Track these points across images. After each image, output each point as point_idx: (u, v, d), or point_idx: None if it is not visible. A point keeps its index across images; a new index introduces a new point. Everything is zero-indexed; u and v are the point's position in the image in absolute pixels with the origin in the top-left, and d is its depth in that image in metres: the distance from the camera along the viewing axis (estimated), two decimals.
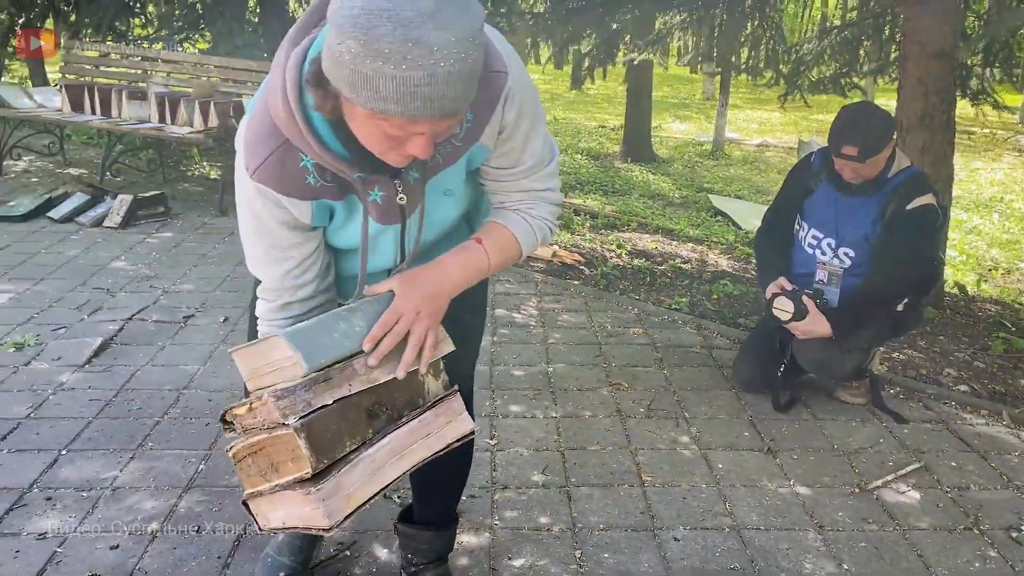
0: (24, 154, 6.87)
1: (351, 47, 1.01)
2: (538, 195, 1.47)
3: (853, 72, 5.71)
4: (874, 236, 2.85)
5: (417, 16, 0.99)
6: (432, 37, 0.99)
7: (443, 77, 1.01)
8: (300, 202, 1.29)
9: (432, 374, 1.47)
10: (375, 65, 1.00)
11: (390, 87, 1.01)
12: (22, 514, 2.32)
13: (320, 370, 1.29)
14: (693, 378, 3.31)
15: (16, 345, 3.37)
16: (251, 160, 1.26)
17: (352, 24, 1.00)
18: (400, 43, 0.98)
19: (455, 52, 1.01)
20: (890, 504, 2.48)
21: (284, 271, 1.40)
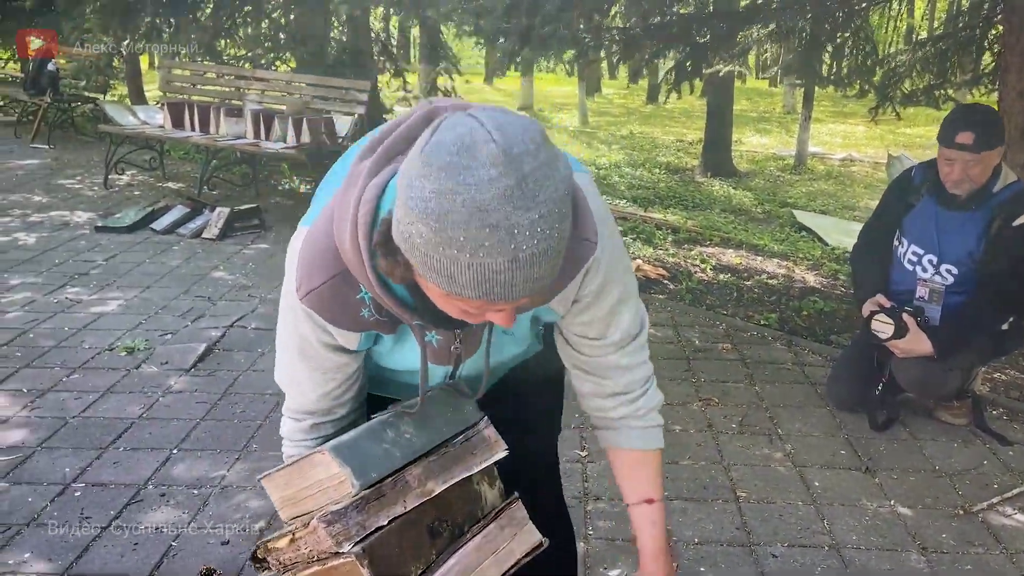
0: (127, 169, 7.22)
1: (422, 232, 0.89)
2: (631, 373, 1.33)
3: (947, 83, 5.56)
4: (979, 253, 2.78)
5: (496, 198, 0.86)
6: (513, 219, 0.86)
7: (527, 261, 0.89)
8: (349, 333, 1.18)
9: (487, 482, 1.34)
10: (450, 253, 0.89)
11: (467, 276, 0.90)
12: (139, 508, 2.44)
13: (371, 486, 1.14)
14: (786, 395, 3.27)
15: (127, 349, 3.55)
16: (304, 282, 1.13)
17: (423, 209, 0.88)
18: (476, 230, 0.86)
19: (540, 231, 0.88)
20: (996, 527, 2.41)
21: (322, 393, 1.28)
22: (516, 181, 0.86)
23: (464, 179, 0.86)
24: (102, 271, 4.65)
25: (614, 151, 12.00)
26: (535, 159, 0.88)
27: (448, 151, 0.87)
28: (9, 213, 5.88)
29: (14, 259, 4.81)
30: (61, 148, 8.53)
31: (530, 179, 0.87)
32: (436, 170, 0.87)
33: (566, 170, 0.93)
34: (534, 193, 0.87)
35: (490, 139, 0.87)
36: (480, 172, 0.86)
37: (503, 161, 0.86)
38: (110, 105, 7.34)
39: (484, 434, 1.31)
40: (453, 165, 0.86)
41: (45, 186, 6.79)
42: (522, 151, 0.88)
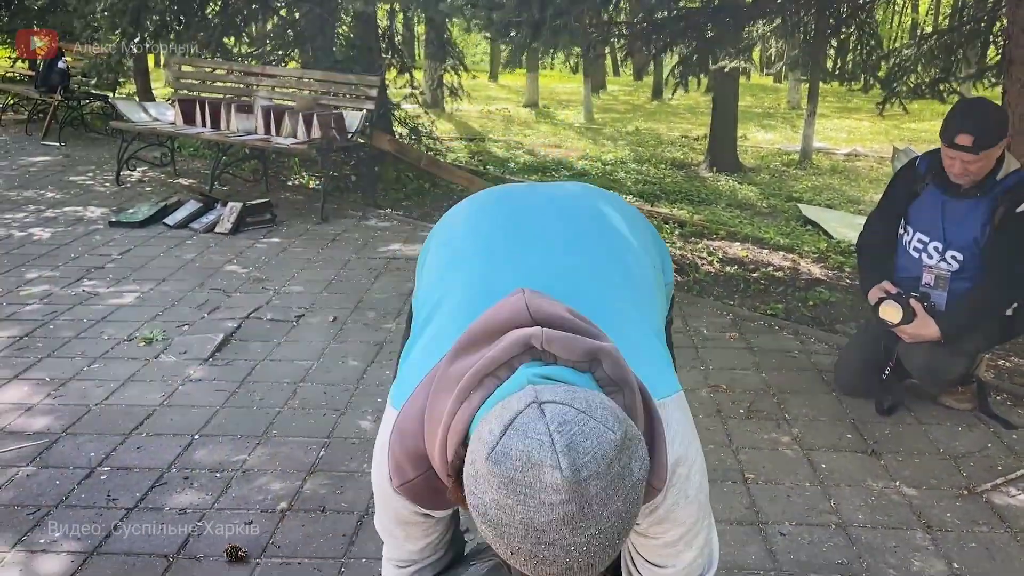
0: (138, 165, 7.29)
1: (483, 527, 0.91)
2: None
3: (952, 77, 5.61)
4: (983, 239, 2.83)
5: (554, 522, 0.85)
6: (569, 540, 0.86)
7: (581, 568, 0.89)
8: (441, 511, 1.25)
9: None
10: (505, 551, 0.90)
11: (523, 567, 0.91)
12: (163, 491, 2.51)
13: None
14: (792, 381, 3.33)
15: (146, 340, 3.62)
16: (396, 475, 1.16)
17: (482, 514, 0.90)
18: (532, 545, 0.87)
19: (596, 545, 0.88)
20: (1000, 507, 2.47)
21: (423, 546, 1.32)
22: (578, 507, 0.85)
23: (525, 500, 0.85)
24: (117, 265, 4.72)
25: (620, 147, 12.05)
26: (603, 479, 0.86)
27: (513, 465, 0.86)
28: (24, 209, 5.96)
29: (31, 253, 4.88)
30: (72, 145, 8.61)
31: (594, 501, 0.86)
32: (499, 482, 0.86)
33: (641, 471, 0.90)
34: (597, 513, 0.86)
35: (557, 465, 0.84)
36: (542, 496, 0.85)
37: (566, 489, 0.84)
38: (122, 102, 7.42)
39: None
40: (516, 483, 0.85)
41: (58, 182, 6.87)
42: (590, 474, 0.85)
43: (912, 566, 2.20)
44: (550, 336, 0.98)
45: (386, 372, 3.33)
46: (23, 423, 2.89)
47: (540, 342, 0.98)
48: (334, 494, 2.50)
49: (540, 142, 12.17)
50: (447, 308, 1.24)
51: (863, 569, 2.18)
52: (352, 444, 2.79)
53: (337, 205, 6.29)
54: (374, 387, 3.21)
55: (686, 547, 1.21)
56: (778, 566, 2.19)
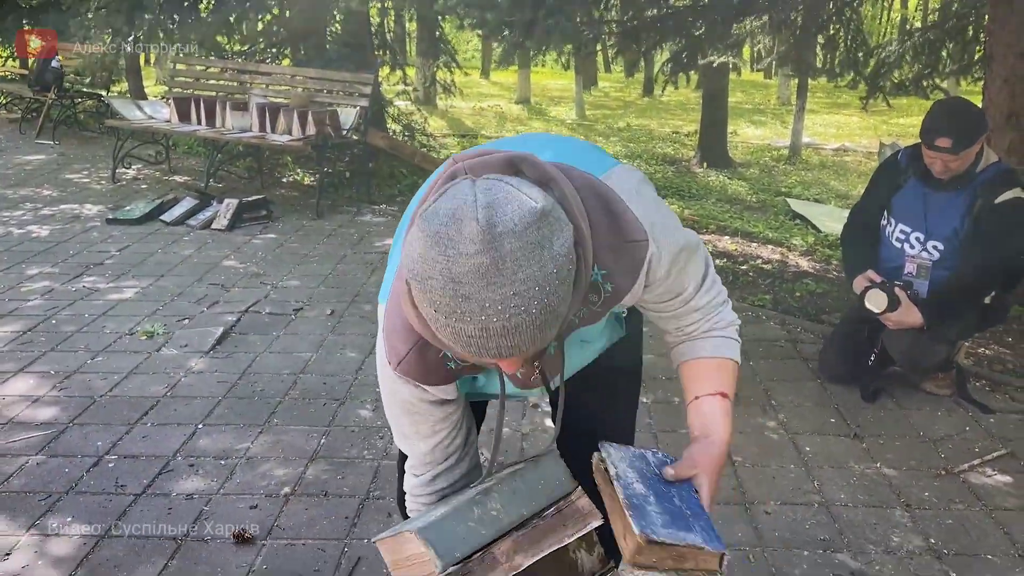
0: (133, 163, 7.35)
1: (413, 288, 0.99)
2: (712, 307, 1.37)
3: (935, 73, 5.71)
4: (963, 230, 2.93)
5: (468, 273, 0.92)
6: (483, 295, 0.93)
7: (498, 330, 0.95)
8: (443, 387, 1.28)
9: (585, 548, 1.35)
10: (430, 311, 0.98)
11: (446, 333, 0.98)
12: (170, 478, 2.59)
13: (458, 563, 1.20)
14: (779, 369, 3.43)
15: (147, 334, 3.69)
16: (391, 355, 1.24)
17: (410, 270, 0.98)
18: (450, 298, 0.94)
19: (512, 306, 0.93)
20: (976, 486, 2.57)
21: (433, 445, 1.36)
22: (492, 260, 0.91)
23: (445, 250, 0.93)
24: (116, 261, 4.79)
25: (612, 143, 12.14)
26: (519, 239, 0.92)
27: (439, 221, 0.94)
28: (21, 207, 6.02)
29: (30, 250, 4.94)
30: (66, 144, 8.65)
31: (508, 258, 0.92)
32: (425, 237, 0.94)
33: (563, 246, 0.97)
34: (511, 272, 0.92)
35: (475, 216, 0.92)
36: (460, 246, 0.92)
37: (483, 239, 0.91)
38: (117, 100, 7.47)
39: (577, 505, 1.32)
40: (439, 235, 0.93)
41: (53, 180, 6.92)
42: (506, 231, 0.92)
43: (891, 541, 2.30)
44: (470, 163, 1.06)
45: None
46: (30, 414, 2.97)
47: (462, 169, 1.06)
48: (336, 479, 2.59)
49: None
50: None
51: (844, 545, 2.28)
52: (352, 432, 2.87)
53: (332, 201, 6.36)
54: (372, 378, 3.30)
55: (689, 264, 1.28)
56: (763, 543, 2.29)
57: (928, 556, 2.24)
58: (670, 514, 1.23)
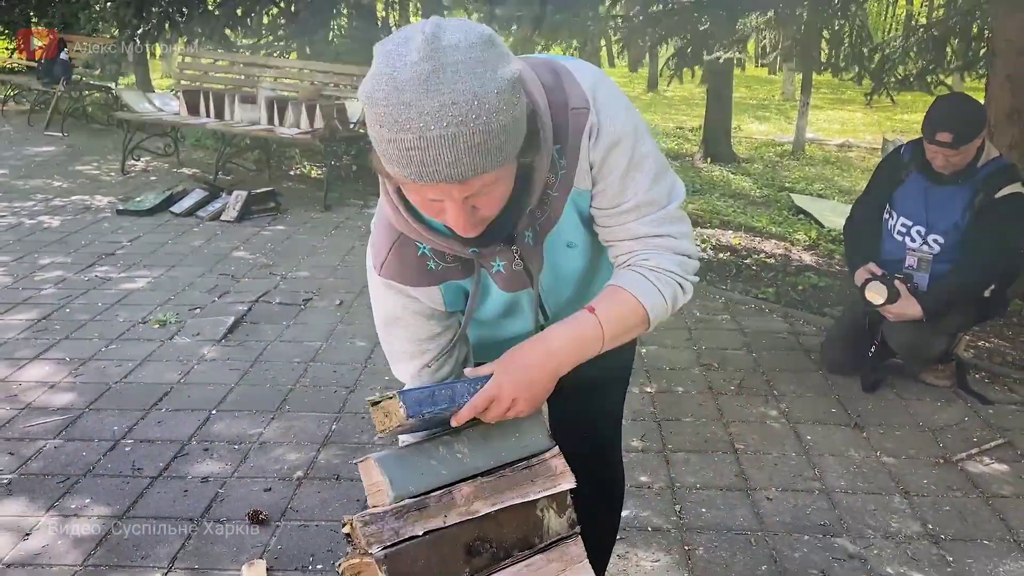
0: (142, 155, 7.41)
1: (365, 110, 1.02)
2: (652, 242, 1.26)
3: (940, 69, 5.75)
4: (963, 224, 2.98)
5: (411, 79, 0.96)
6: (423, 102, 0.95)
7: (434, 141, 0.97)
8: (428, 288, 1.27)
9: (555, 509, 1.32)
10: (376, 128, 1.00)
11: (389, 150, 1.00)
12: (185, 461, 2.66)
13: (414, 497, 1.21)
14: (781, 361, 3.48)
15: (160, 322, 3.75)
16: (375, 258, 1.27)
17: (363, 89, 1.01)
18: (392, 107, 0.97)
19: (450, 115, 0.96)
20: (974, 474, 2.63)
21: (420, 366, 1.37)
22: (433, 68, 0.95)
23: (391, 62, 0.98)
24: (127, 251, 4.85)
25: None
26: (462, 54, 0.97)
27: (391, 42, 1.00)
28: (32, 197, 6.09)
29: (42, 240, 5.01)
30: (74, 136, 8.72)
31: (448, 68, 0.96)
32: (378, 56, 1.00)
33: (508, 74, 0.99)
34: (451, 81, 0.95)
35: (421, 31, 0.98)
36: (405, 57, 0.97)
37: (426, 49, 0.96)
38: (127, 92, 7.54)
39: (550, 463, 1.31)
40: (388, 52, 0.99)
41: (64, 172, 6.98)
42: (449, 44, 0.97)
43: (890, 527, 2.35)
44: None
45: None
46: (47, 399, 3.03)
47: None
48: (347, 464, 2.65)
49: None
50: None
51: (843, 530, 2.34)
52: (362, 419, 2.93)
53: (339, 194, 6.42)
54: (382, 366, 3.35)
55: (638, 173, 1.22)
56: (764, 527, 2.35)
57: (925, 541, 2.30)
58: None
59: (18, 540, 2.25)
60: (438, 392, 1.23)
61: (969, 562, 2.21)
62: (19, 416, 2.91)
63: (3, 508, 2.39)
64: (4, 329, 3.65)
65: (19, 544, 2.23)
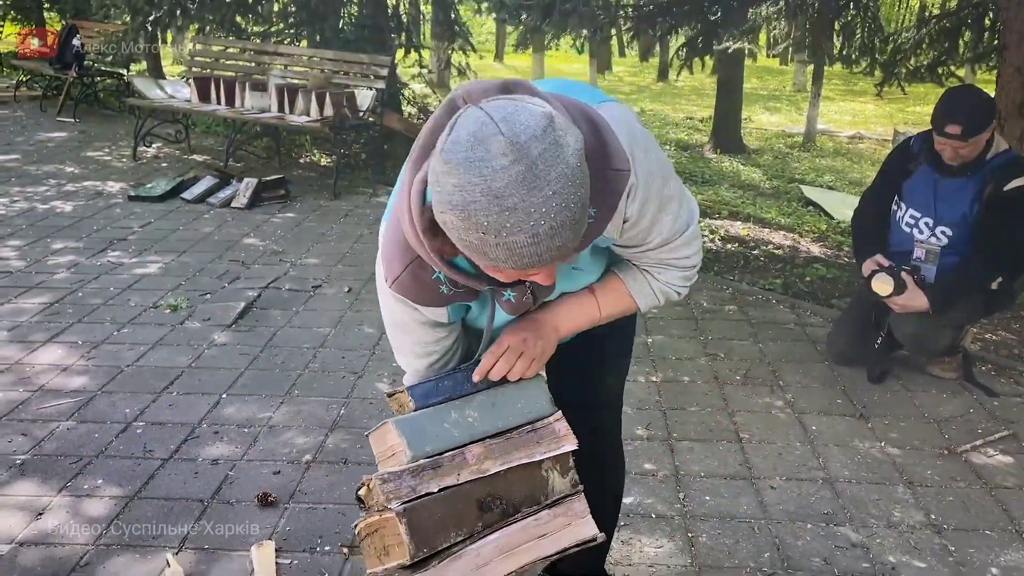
0: (153, 141, 7.44)
1: (453, 221, 1.02)
2: (669, 262, 1.43)
3: (951, 61, 5.72)
4: (972, 216, 2.98)
5: (509, 185, 0.97)
6: (528, 201, 0.98)
7: (547, 233, 1.00)
8: (436, 308, 1.35)
9: (559, 470, 1.42)
10: (478, 236, 1.01)
11: (498, 252, 1.02)
12: (196, 444, 2.69)
13: (429, 457, 1.31)
14: (787, 351, 3.49)
15: (171, 307, 3.79)
16: (388, 273, 1.31)
17: (449, 204, 1.01)
18: (497, 215, 0.98)
19: (555, 206, 0.99)
20: (978, 465, 2.64)
21: (427, 365, 1.47)
22: (527, 166, 0.97)
23: (480, 171, 0.98)
24: (139, 237, 4.89)
25: None
26: (542, 142, 0.99)
27: (464, 147, 0.99)
28: (44, 183, 6.13)
29: (54, 225, 5.05)
30: (86, 122, 8.75)
31: (539, 161, 0.98)
32: (455, 167, 0.99)
33: (576, 143, 1.02)
34: (545, 173, 0.98)
35: (498, 132, 0.98)
36: (493, 163, 0.97)
37: (512, 150, 0.97)
38: (139, 79, 7.57)
39: (554, 427, 1.42)
40: (469, 160, 0.99)
41: (76, 158, 7.02)
42: (529, 137, 0.98)
43: (893, 516, 2.37)
44: (468, 90, 1.13)
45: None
46: (60, 382, 3.07)
47: (461, 97, 1.12)
48: (355, 448, 2.68)
49: None
50: None
51: (847, 519, 2.36)
52: (370, 404, 2.96)
53: (348, 182, 6.44)
54: (389, 353, 3.35)
55: (663, 215, 1.33)
56: (768, 515, 2.37)
57: (928, 531, 2.31)
58: None
59: (32, 519, 2.29)
60: (442, 383, 1.41)
61: (971, 552, 2.23)
62: (32, 398, 2.95)
63: (17, 488, 2.43)
64: (17, 312, 3.70)
65: (32, 523, 2.27)
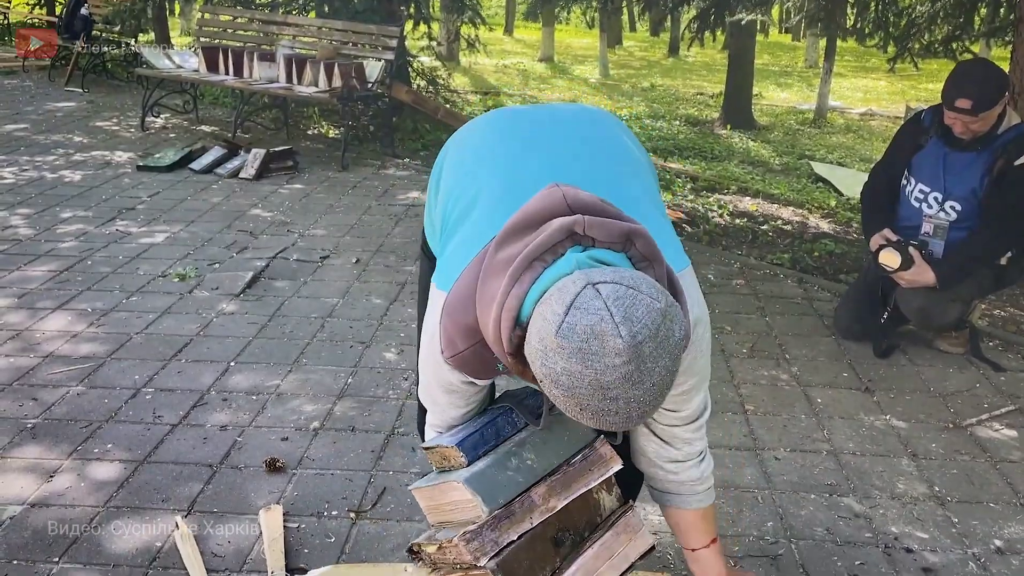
0: (161, 111, 7.44)
1: (554, 391, 1.07)
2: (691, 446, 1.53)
3: (966, 35, 5.65)
4: (982, 191, 2.96)
5: (617, 381, 1.02)
6: (630, 394, 1.04)
7: (639, 415, 1.07)
8: (488, 380, 1.40)
9: (605, 490, 1.52)
10: (574, 409, 1.07)
11: (589, 420, 1.08)
12: (204, 410, 2.71)
13: (500, 507, 1.36)
14: (794, 325, 3.49)
15: (179, 276, 3.81)
16: (448, 348, 1.32)
17: (555, 380, 1.06)
18: (599, 401, 1.04)
19: (652, 396, 1.06)
20: (983, 439, 2.64)
21: (463, 414, 1.50)
22: (636, 367, 1.03)
23: (592, 365, 1.02)
24: (148, 207, 4.90)
25: (635, 103, 12.08)
26: (654, 340, 1.03)
27: (580, 338, 1.02)
28: (53, 152, 6.13)
29: (63, 194, 5.06)
30: (94, 92, 8.74)
31: (648, 360, 1.03)
32: (568, 354, 1.03)
33: (681, 331, 1.07)
34: (651, 370, 1.04)
35: (617, 333, 1.01)
36: (607, 360, 1.02)
37: (627, 351, 1.02)
38: (147, 49, 7.54)
39: (600, 451, 1.49)
40: (584, 352, 1.02)
41: (84, 128, 7.02)
42: (644, 338, 1.02)
43: (896, 488, 2.38)
44: (591, 222, 1.13)
45: (408, 310, 3.51)
46: (70, 349, 3.10)
47: (582, 228, 1.13)
48: (362, 416, 2.70)
49: (556, 97, 12.22)
50: (485, 200, 1.38)
51: (850, 490, 2.37)
52: (378, 373, 2.98)
53: (357, 154, 6.43)
54: (396, 323, 3.40)
55: (696, 393, 1.46)
56: (772, 486, 2.38)
57: (931, 502, 2.32)
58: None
59: (42, 482, 2.32)
60: (486, 431, 1.47)
61: (974, 523, 2.24)
62: (42, 364, 2.97)
63: (27, 451, 2.46)
64: (26, 280, 3.72)
65: (43, 485, 2.30)
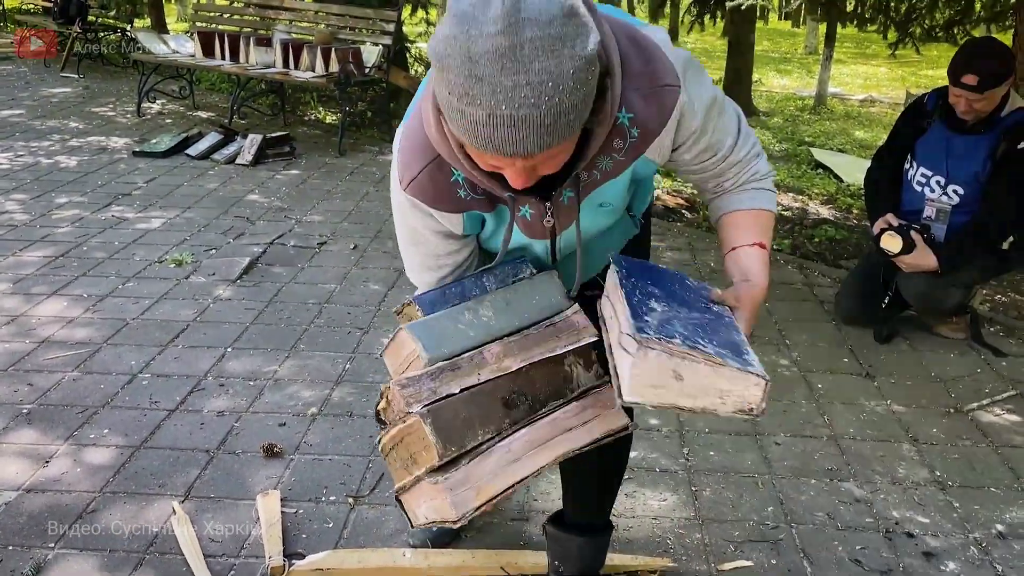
0: (157, 97, 7.39)
1: (434, 73, 0.99)
2: (747, 160, 1.38)
3: (967, 20, 5.61)
4: (984, 174, 2.94)
5: (486, 54, 0.92)
6: (497, 79, 0.93)
7: (504, 119, 0.95)
8: (451, 215, 1.29)
9: (583, 364, 1.40)
10: (444, 92, 0.98)
11: (457, 119, 0.99)
12: (201, 396, 2.70)
13: (447, 359, 1.28)
14: (795, 311, 3.47)
15: (176, 262, 3.78)
16: (404, 173, 1.26)
17: (433, 49, 0.97)
18: (464, 78, 0.94)
19: (522, 96, 0.93)
20: (984, 424, 2.63)
21: (438, 278, 1.42)
22: (511, 43, 0.91)
23: (467, 29, 0.93)
24: (143, 192, 4.86)
25: None
26: (542, 29, 0.92)
27: (469, 1, 0.94)
28: (49, 137, 6.09)
29: (59, 180, 5.03)
30: (90, 77, 8.70)
31: (527, 45, 0.91)
32: (451, 16, 0.95)
33: (585, 51, 0.95)
34: (527, 60, 0.92)
35: (502, 2, 0.91)
36: (482, 27, 0.92)
37: (505, 21, 0.91)
38: (143, 34, 7.49)
39: (572, 319, 1.38)
40: (464, 14, 0.94)
41: (80, 113, 6.98)
42: (529, 17, 0.92)
43: (897, 472, 2.37)
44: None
45: (406, 296, 3.48)
46: (66, 334, 3.07)
47: None
48: (360, 401, 2.68)
49: None
50: None
51: (851, 475, 2.36)
52: (376, 359, 2.96)
53: (354, 140, 6.39)
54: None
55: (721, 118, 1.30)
56: (772, 471, 2.37)
57: (932, 487, 2.31)
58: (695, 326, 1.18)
59: (38, 467, 2.30)
60: (449, 290, 1.38)
61: (976, 508, 2.23)
62: (38, 349, 2.95)
63: (23, 436, 2.44)
64: (22, 265, 3.69)
65: (39, 471, 2.28)
